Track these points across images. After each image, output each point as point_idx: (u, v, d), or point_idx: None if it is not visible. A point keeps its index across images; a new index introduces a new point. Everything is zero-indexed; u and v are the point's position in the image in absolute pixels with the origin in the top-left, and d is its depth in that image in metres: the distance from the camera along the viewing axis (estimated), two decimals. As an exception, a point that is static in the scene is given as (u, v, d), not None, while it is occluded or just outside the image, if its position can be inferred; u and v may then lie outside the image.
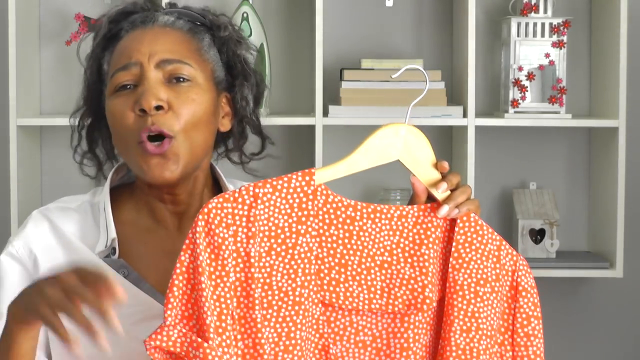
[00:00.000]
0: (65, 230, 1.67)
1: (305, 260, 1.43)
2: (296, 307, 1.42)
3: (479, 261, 1.49)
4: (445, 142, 3.21)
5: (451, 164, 3.19)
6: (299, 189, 1.44)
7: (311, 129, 2.97)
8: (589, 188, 3.24)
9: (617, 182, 3.00)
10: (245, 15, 3.00)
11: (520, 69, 3.04)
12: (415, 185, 1.51)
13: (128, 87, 1.62)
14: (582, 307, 3.27)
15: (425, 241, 1.49)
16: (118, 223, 1.68)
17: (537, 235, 3.11)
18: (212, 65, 1.69)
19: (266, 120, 1.82)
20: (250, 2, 3.03)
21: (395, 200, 3.10)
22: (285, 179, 1.44)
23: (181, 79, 1.63)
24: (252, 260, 1.41)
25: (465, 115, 2.99)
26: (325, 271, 1.45)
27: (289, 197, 1.44)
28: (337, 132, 3.16)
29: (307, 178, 1.45)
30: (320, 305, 1.45)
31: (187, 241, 1.40)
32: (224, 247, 1.40)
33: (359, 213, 1.48)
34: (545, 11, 3.05)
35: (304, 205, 1.44)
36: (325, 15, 3.00)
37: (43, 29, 3.13)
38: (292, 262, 1.43)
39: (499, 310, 1.50)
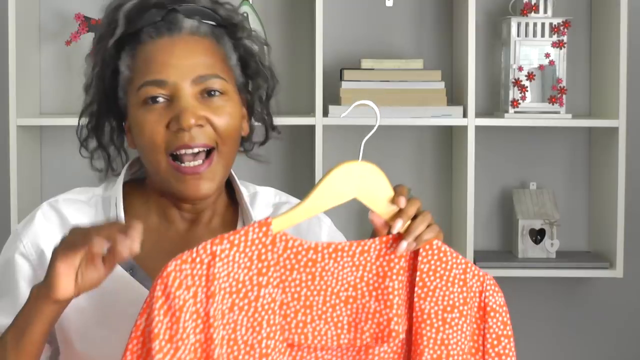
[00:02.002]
0: (74, 224, 1.66)
1: (270, 312, 1.43)
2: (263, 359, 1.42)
3: (444, 288, 1.49)
4: (445, 142, 3.21)
5: (451, 164, 3.20)
6: (256, 241, 1.43)
7: (311, 129, 2.97)
8: (589, 188, 3.24)
9: (617, 182, 3.00)
10: (245, 15, 3.00)
11: (520, 69, 3.04)
12: (374, 221, 1.50)
13: (158, 99, 1.60)
14: (582, 307, 3.27)
15: (389, 273, 1.48)
16: (128, 220, 1.67)
17: (537, 235, 3.11)
18: (234, 72, 1.68)
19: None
20: (250, 2, 3.03)
21: (395, 200, 3.10)
22: (242, 232, 1.43)
23: (214, 93, 1.61)
24: (212, 320, 1.40)
25: (465, 115, 2.99)
26: (292, 315, 1.45)
27: (247, 250, 1.43)
28: (337, 132, 3.16)
29: (264, 228, 1.44)
30: (287, 353, 1.45)
31: (144, 305, 1.39)
32: (184, 309, 1.39)
33: (319, 254, 1.47)
34: (545, 11, 3.05)
35: (263, 257, 1.43)
36: (325, 15, 3.00)
37: (43, 29, 3.13)
38: (256, 315, 1.43)
39: (469, 332, 1.51)
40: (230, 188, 1.75)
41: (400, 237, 1.48)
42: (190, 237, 1.69)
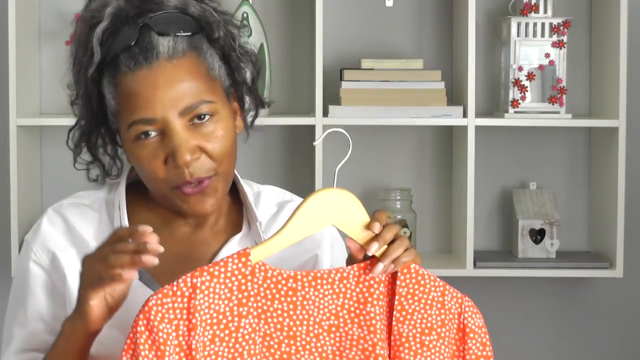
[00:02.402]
0: (79, 229, 1.68)
1: (250, 342, 1.44)
2: None
3: (422, 311, 1.51)
4: (445, 142, 3.21)
5: (451, 164, 3.20)
6: (236, 272, 1.45)
7: (311, 129, 2.97)
8: (589, 188, 3.24)
9: (617, 182, 3.00)
10: (245, 15, 3.00)
11: (520, 69, 3.04)
12: (351, 247, 1.52)
13: (150, 134, 1.59)
14: (582, 307, 3.27)
15: (370, 299, 1.50)
16: (132, 223, 1.68)
17: (537, 235, 3.11)
18: (219, 79, 1.65)
19: (266, 121, 1.82)
20: (250, 2, 3.03)
21: (396, 200, 3.10)
22: (222, 263, 1.44)
23: (203, 117, 1.60)
24: (194, 352, 1.42)
25: (465, 115, 2.99)
26: (275, 346, 1.46)
27: (227, 281, 1.44)
28: (337, 132, 3.16)
29: (244, 259, 1.45)
30: None
31: (128, 341, 1.41)
32: (168, 343, 1.41)
33: (299, 283, 1.48)
34: (545, 11, 3.05)
35: (243, 287, 1.45)
36: (325, 15, 3.00)
37: (43, 29, 3.13)
38: (237, 346, 1.44)
39: (448, 354, 1.52)
40: (234, 188, 1.76)
41: (377, 262, 1.50)
42: (195, 238, 1.70)
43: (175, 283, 1.42)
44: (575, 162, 3.24)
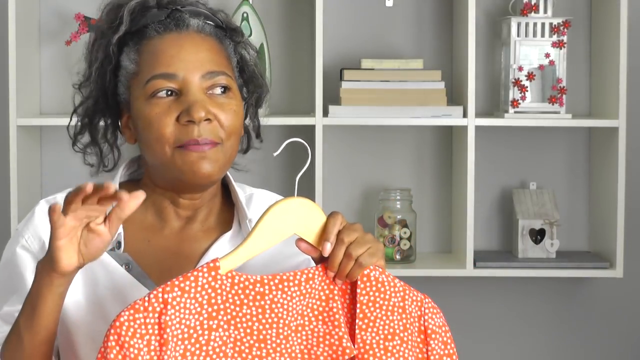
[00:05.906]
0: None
1: (221, 354, 1.47)
2: None
3: (384, 317, 1.53)
4: (445, 142, 3.21)
5: (451, 164, 3.20)
6: (206, 285, 1.47)
7: (311, 129, 2.97)
8: (589, 188, 3.24)
9: (617, 182, 3.00)
10: (245, 15, 3.00)
11: (520, 69, 3.04)
12: (300, 247, 1.55)
13: (167, 93, 1.62)
14: (582, 307, 3.27)
15: (331, 295, 1.53)
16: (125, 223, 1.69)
17: (537, 235, 3.11)
18: (235, 72, 1.71)
19: (266, 120, 1.84)
20: (250, 2, 3.03)
21: (396, 200, 3.10)
22: (192, 278, 1.47)
23: (221, 89, 1.64)
24: None
25: (465, 115, 2.99)
26: (247, 350, 1.48)
27: (197, 295, 1.47)
28: (337, 132, 3.16)
29: (213, 273, 1.48)
30: None
31: (99, 355, 1.43)
32: (139, 358, 1.43)
33: (267, 287, 1.51)
34: (545, 11, 3.05)
35: (213, 301, 1.47)
36: (326, 15, 3.00)
37: (43, 29, 3.13)
38: (208, 358, 1.46)
39: (413, 357, 1.55)
40: (226, 190, 1.77)
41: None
42: (185, 234, 1.71)
43: (146, 298, 1.44)
44: (575, 162, 3.25)
